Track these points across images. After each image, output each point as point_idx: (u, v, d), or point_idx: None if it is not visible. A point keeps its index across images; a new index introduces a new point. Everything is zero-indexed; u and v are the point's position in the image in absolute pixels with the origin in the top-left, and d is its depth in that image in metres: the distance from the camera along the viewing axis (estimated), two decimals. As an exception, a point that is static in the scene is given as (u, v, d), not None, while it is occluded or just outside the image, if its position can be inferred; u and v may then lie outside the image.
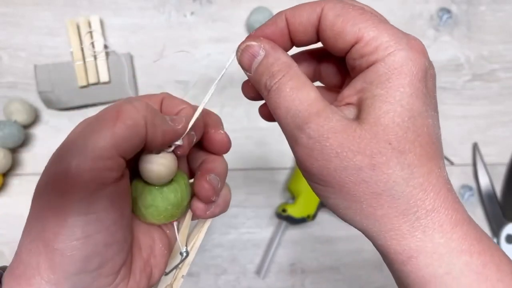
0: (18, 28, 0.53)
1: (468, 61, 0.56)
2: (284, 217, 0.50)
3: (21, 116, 0.49)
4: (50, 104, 0.51)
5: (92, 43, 0.52)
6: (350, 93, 0.21)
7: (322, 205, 0.50)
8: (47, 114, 0.52)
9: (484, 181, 0.53)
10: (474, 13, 0.56)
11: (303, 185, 0.50)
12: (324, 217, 0.52)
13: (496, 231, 0.53)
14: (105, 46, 0.52)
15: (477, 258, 0.18)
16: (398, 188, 0.19)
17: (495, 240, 0.52)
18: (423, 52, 0.20)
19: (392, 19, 0.63)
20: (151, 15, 0.54)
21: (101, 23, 0.53)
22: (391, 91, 0.19)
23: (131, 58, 0.53)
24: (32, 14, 0.53)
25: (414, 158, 0.19)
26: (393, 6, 0.56)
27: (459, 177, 0.54)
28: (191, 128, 0.23)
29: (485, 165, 0.54)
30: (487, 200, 0.53)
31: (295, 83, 0.20)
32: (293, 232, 0.52)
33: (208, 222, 0.27)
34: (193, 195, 0.25)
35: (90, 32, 0.52)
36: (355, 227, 0.21)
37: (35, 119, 0.51)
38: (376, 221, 0.20)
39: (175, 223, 0.25)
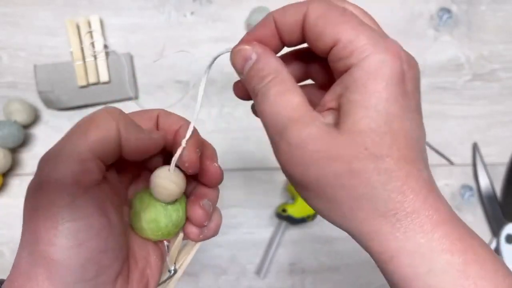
0: (18, 28, 0.53)
1: (468, 61, 0.56)
2: (284, 217, 0.50)
3: (21, 116, 0.49)
4: (50, 104, 0.51)
5: (92, 43, 0.52)
6: (330, 98, 0.21)
7: (322, 205, 0.50)
8: (47, 114, 0.52)
9: (484, 181, 0.53)
10: (474, 13, 0.56)
11: (303, 185, 0.50)
12: (324, 217, 0.52)
13: (496, 231, 0.53)
14: (105, 46, 0.52)
15: (459, 257, 0.18)
16: (376, 192, 0.19)
17: (495, 240, 0.52)
18: (398, 55, 0.19)
19: (392, 19, 0.62)
20: (151, 15, 0.54)
21: (101, 23, 0.53)
22: (366, 96, 0.19)
23: (131, 58, 0.53)
24: (32, 14, 0.53)
25: (392, 163, 0.19)
26: (393, 6, 0.56)
27: (459, 177, 0.54)
28: (194, 146, 0.23)
29: (485, 165, 0.54)
30: (487, 200, 0.53)
31: (280, 88, 0.20)
32: (293, 232, 0.52)
33: (198, 245, 0.27)
34: (187, 218, 0.25)
35: (90, 32, 0.52)
36: (340, 228, 0.21)
37: (35, 119, 0.51)
38: (358, 223, 0.20)
39: (165, 242, 0.26)
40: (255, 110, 0.25)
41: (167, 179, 0.23)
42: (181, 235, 0.26)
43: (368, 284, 0.52)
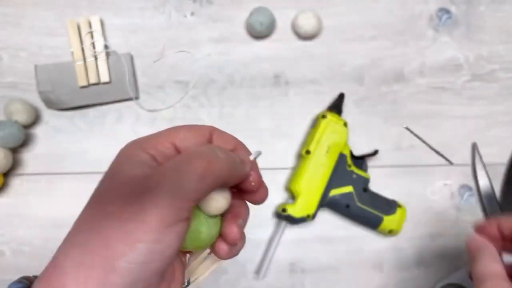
0: (18, 28, 0.53)
1: (468, 61, 0.56)
2: (284, 217, 0.50)
3: (21, 116, 0.49)
4: (50, 104, 0.52)
5: (93, 43, 0.52)
6: None
7: (321, 204, 0.50)
8: (47, 114, 0.53)
9: (483, 181, 0.53)
10: (474, 13, 0.57)
11: (303, 185, 0.50)
12: (324, 217, 0.52)
13: (495, 231, 0.53)
14: (106, 46, 0.52)
15: None
16: None
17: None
18: None
19: (392, 19, 0.62)
20: (151, 15, 0.55)
21: (102, 23, 0.53)
22: None
23: (131, 58, 0.53)
24: (33, 14, 0.53)
25: None
26: (393, 6, 0.56)
27: (458, 177, 0.54)
28: (257, 166, 0.26)
29: (484, 165, 0.54)
30: (486, 200, 0.53)
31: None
32: (293, 232, 0.52)
33: (218, 263, 0.28)
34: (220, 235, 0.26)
35: (91, 32, 0.52)
36: None
37: (35, 119, 0.51)
38: None
39: (187, 254, 0.26)
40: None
41: (220, 193, 0.24)
42: (207, 250, 0.26)
43: (368, 284, 0.52)
